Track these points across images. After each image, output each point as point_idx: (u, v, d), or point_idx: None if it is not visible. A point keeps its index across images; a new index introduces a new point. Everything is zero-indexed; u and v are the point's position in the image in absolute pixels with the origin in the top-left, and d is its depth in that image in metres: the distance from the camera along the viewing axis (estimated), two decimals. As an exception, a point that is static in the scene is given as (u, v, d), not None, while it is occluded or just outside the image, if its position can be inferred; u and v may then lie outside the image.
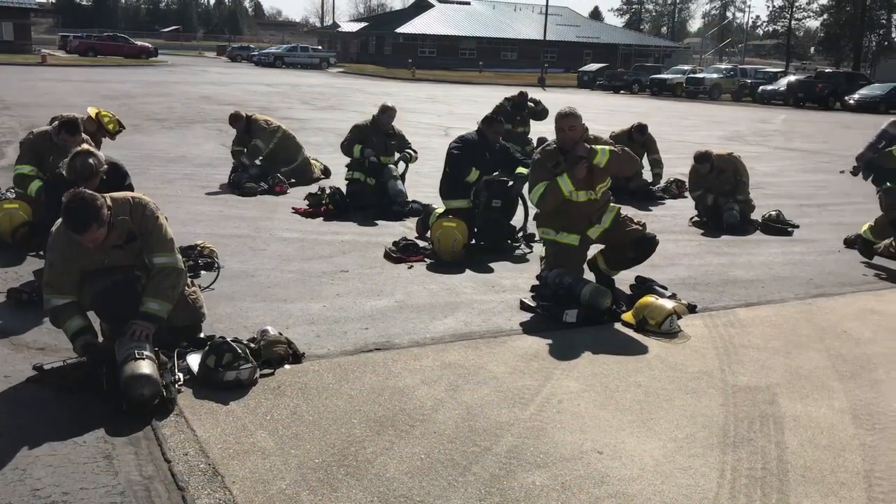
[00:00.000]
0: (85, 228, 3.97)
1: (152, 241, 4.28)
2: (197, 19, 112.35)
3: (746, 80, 44.15)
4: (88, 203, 3.97)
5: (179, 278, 4.36)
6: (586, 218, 5.94)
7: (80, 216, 3.95)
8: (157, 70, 43.24)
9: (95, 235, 4.03)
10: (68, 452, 3.42)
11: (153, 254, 4.28)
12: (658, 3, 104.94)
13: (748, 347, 5.13)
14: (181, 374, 4.17)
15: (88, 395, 3.95)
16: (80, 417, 3.74)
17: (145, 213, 4.28)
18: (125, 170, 5.48)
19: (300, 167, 10.57)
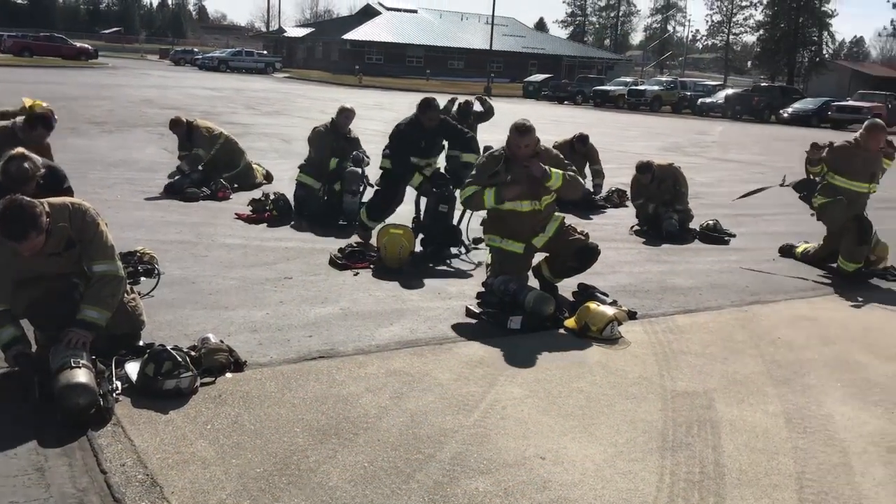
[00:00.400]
0: (23, 236, 3.86)
1: (92, 249, 4.18)
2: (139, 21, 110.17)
3: (686, 93, 45.21)
4: (26, 210, 3.85)
5: (119, 286, 4.28)
6: (530, 227, 6.02)
7: (17, 224, 3.84)
8: (97, 72, 42.24)
9: (34, 243, 3.92)
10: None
11: (93, 261, 4.19)
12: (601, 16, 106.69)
13: (686, 353, 5.25)
14: (119, 382, 4.08)
15: (21, 405, 3.83)
16: (12, 428, 3.62)
17: (85, 220, 4.18)
18: (63, 173, 5.34)
19: (242, 172, 10.42)
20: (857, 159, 7.61)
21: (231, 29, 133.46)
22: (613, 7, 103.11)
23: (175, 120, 10.36)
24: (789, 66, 74.43)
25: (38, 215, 3.89)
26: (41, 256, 4.07)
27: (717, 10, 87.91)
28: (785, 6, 74.77)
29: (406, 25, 72.39)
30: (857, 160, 7.60)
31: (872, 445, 4.02)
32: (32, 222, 3.87)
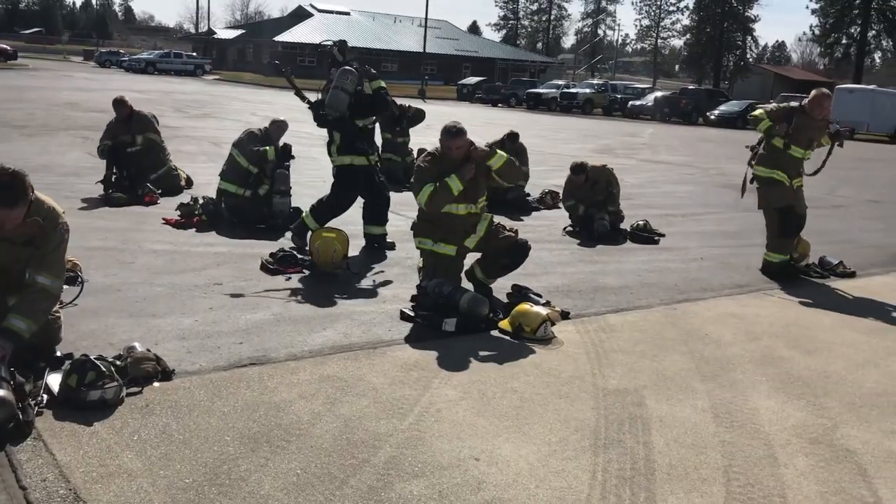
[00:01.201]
0: (12, 204, 3.85)
1: (47, 259, 4.10)
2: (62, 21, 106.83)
3: (616, 96, 46.16)
4: (19, 179, 3.86)
5: (53, 305, 4.21)
6: (463, 229, 6.07)
7: (9, 191, 3.83)
8: (17, 74, 40.78)
9: (14, 215, 3.90)
10: None
11: (41, 272, 4.09)
12: (534, 19, 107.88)
13: (617, 352, 5.33)
14: (44, 395, 3.93)
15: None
16: (-77, 446, 3.46)
17: (56, 228, 4.13)
18: None
19: (165, 175, 10.18)
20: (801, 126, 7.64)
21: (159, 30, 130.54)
22: (545, 11, 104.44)
23: (120, 99, 10.22)
24: (715, 69, 76.70)
25: (28, 189, 3.90)
26: (5, 243, 3.99)
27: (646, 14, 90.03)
28: (710, 12, 77.07)
29: (338, 27, 71.90)
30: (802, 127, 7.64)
31: (796, 437, 4.15)
32: (23, 194, 3.87)
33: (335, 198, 7.75)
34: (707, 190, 14.40)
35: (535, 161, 11.95)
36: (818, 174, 7.99)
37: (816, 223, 10.22)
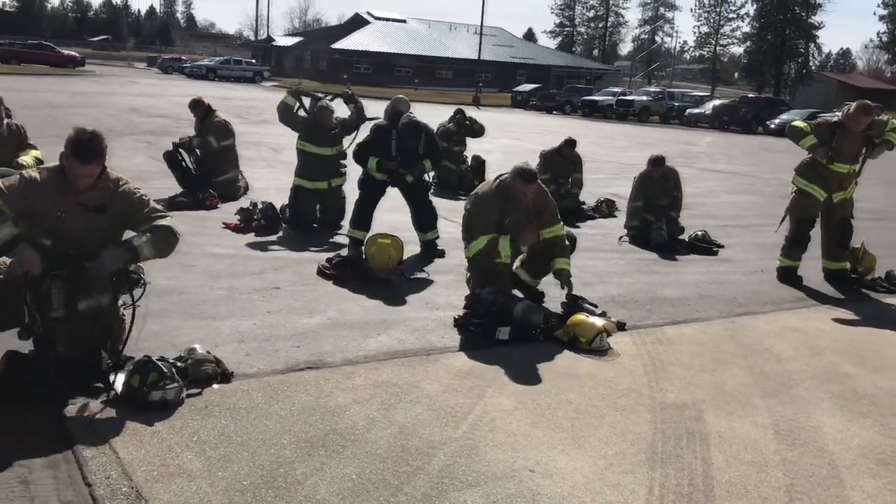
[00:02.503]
0: (93, 158, 4.09)
1: (146, 212, 4.36)
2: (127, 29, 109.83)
3: (674, 104, 45.48)
4: (98, 138, 4.12)
5: (175, 241, 4.48)
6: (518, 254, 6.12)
7: (93, 146, 4.08)
8: (85, 80, 42.05)
9: (92, 171, 4.13)
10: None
11: (154, 220, 4.35)
12: (590, 26, 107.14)
13: (675, 365, 5.25)
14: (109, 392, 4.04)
15: (7, 417, 3.78)
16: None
17: (129, 189, 4.35)
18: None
19: (228, 182, 10.39)
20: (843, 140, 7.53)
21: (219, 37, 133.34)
22: (602, 18, 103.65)
23: (196, 100, 10.59)
24: (776, 77, 75.14)
25: (105, 148, 4.16)
26: (80, 209, 4.15)
27: (705, 21, 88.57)
28: (772, 19, 75.52)
29: (395, 35, 72.53)
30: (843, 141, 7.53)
31: (862, 458, 4.02)
32: (101, 151, 4.13)
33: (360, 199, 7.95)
34: (767, 200, 14.09)
35: (590, 169, 11.85)
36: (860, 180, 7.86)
37: (884, 236, 9.93)
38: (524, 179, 5.75)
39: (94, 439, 3.62)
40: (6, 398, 3.97)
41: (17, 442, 3.56)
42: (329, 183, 9.02)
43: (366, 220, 7.80)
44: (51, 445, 3.55)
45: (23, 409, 3.89)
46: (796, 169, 7.89)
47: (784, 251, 7.96)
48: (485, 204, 5.90)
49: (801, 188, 7.77)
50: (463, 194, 11.63)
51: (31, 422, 3.76)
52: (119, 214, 4.34)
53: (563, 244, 6.13)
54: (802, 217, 7.81)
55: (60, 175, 4.17)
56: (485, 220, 5.89)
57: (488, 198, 5.90)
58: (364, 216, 7.80)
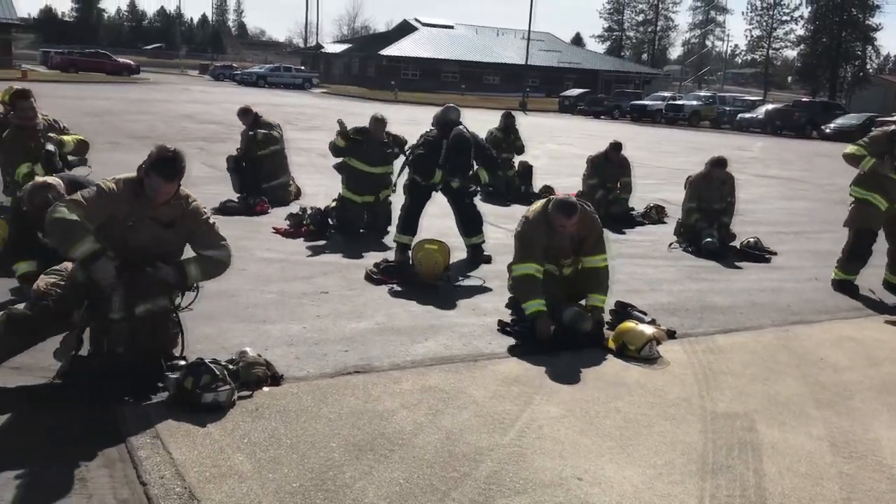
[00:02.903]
0: (173, 177, 4.26)
1: (206, 235, 4.53)
2: (180, 37, 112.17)
3: (725, 108, 44.74)
4: (180, 157, 4.31)
5: (223, 270, 4.67)
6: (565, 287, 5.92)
7: (173, 164, 4.26)
8: (139, 87, 43.08)
9: (171, 188, 4.30)
10: (42, 474, 3.36)
11: (205, 248, 4.52)
12: (639, 31, 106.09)
13: (727, 374, 5.16)
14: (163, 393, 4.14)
15: (65, 416, 3.89)
16: (55, 438, 3.68)
17: (197, 209, 4.51)
18: (86, 182, 5.49)
19: (279, 186, 10.54)
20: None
21: (270, 45, 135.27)
22: (651, 22, 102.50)
23: (244, 108, 10.81)
24: (831, 80, 73.41)
25: (184, 167, 4.35)
26: (151, 221, 4.29)
27: (757, 25, 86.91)
28: (828, 21, 73.83)
29: (442, 41, 72.71)
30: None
31: (921, 472, 3.90)
32: (182, 169, 4.32)
33: (407, 204, 8.00)
34: (822, 206, 13.78)
35: (640, 174, 11.73)
36: None
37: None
38: (563, 213, 5.61)
39: (149, 440, 3.70)
40: (67, 399, 4.09)
41: (76, 441, 3.66)
42: (377, 196, 9.08)
43: (412, 225, 7.84)
44: (107, 445, 3.64)
45: (81, 409, 3.99)
46: (853, 182, 7.68)
47: (841, 264, 7.72)
48: (533, 229, 5.79)
49: (860, 198, 7.54)
50: (510, 201, 11.64)
51: (89, 422, 3.86)
52: (186, 231, 4.48)
53: (601, 279, 5.84)
54: (863, 228, 7.55)
55: (139, 187, 4.30)
56: (532, 246, 5.75)
57: (536, 223, 5.78)
58: (411, 222, 7.84)
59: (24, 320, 4.14)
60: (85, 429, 3.78)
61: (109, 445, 3.64)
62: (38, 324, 4.17)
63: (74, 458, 3.52)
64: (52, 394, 4.17)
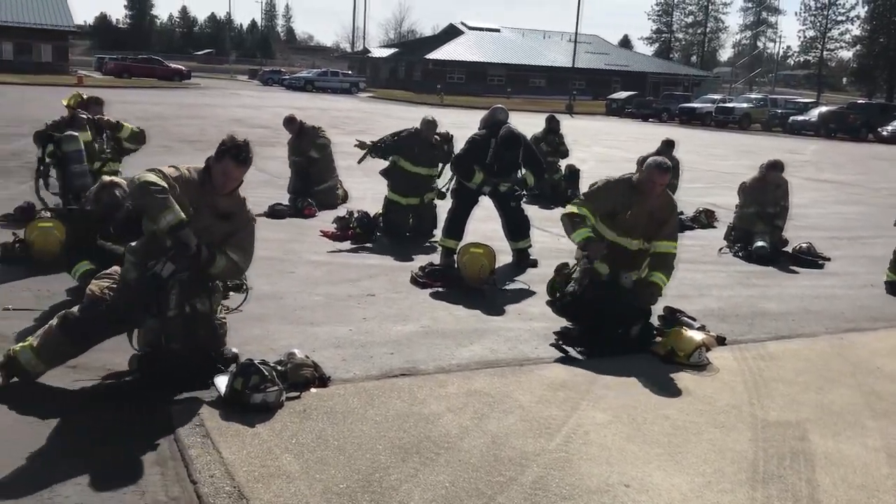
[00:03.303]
0: (246, 161, 4.42)
1: (239, 236, 4.55)
2: (230, 43, 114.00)
3: (777, 110, 43.87)
4: (251, 148, 4.46)
5: (238, 275, 4.83)
6: (630, 261, 5.77)
7: (248, 150, 4.42)
8: (190, 92, 43.90)
9: (241, 173, 4.45)
10: (97, 471, 3.44)
11: (233, 248, 4.50)
12: (688, 32, 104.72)
13: (778, 381, 5.06)
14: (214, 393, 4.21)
15: (119, 415, 3.99)
16: (109, 436, 3.77)
17: (247, 211, 4.61)
18: None
19: (328, 189, 10.65)
20: None
21: (318, 50, 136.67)
22: (701, 24, 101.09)
23: (289, 118, 11.00)
24: (889, 82, 71.50)
25: (252, 157, 4.49)
26: (210, 210, 4.40)
27: (811, 25, 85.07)
28: (885, 20, 71.96)
29: (488, 44, 72.68)
30: None
31: (983, 486, 3.78)
32: (251, 157, 4.46)
33: (453, 208, 8.01)
34: (877, 211, 13.42)
35: (689, 178, 11.57)
36: None
37: None
38: (661, 169, 5.54)
39: (200, 439, 3.77)
40: (121, 397, 4.19)
41: (130, 439, 3.74)
42: (423, 198, 9.11)
43: (458, 229, 7.84)
44: (160, 444, 3.72)
45: (135, 408, 4.08)
46: None
47: (893, 265, 7.61)
48: (613, 185, 5.75)
49: None
50: (556, 204, 11.56)
51: (142, 420, 3.94)
52: (233, 227, 4.54)
53: (668, 263, 5.72)
54: None
55: (206, 175, 4.44)
56: (599, 198, 5.70)
57: (617, 182, 5.76)
58: (457, 225, 7.84)
59: (77, 324, 4.22)
60: (138, 427, 3.86)
61: (161, 444, 3.72)
62: (92, 328, 4.25)
63: (128, 455, 3.60)
64: (107, 392, 4.27)
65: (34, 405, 4.05)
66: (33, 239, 6.73)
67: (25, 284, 6.14)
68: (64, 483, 3.32)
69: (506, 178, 7.76)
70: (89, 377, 4.39)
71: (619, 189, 5.70)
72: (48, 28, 54.12)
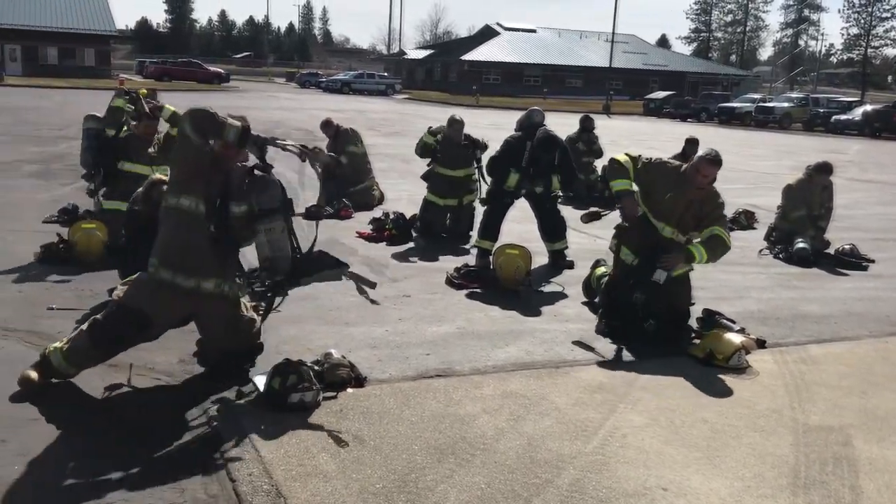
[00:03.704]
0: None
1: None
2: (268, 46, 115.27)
3: (819, 110, 43.08)
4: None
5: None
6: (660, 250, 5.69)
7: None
8: (229, 95, 44.46)
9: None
10: (138, 469, 3.50)
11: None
12: (727, 31, 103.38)
13: (820, 385, 4.97)
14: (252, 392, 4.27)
15: (160, 414, 4.05)
16: (149, 436, 3.83)
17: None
18: None
19: (363, 190, 10.71)
20: None
21: (354, 52, 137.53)
22: (740, 22, 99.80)
23: (326, 121, 11.22)
24: (935, 79, 69.82)
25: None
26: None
27: (855, 22, 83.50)
28: (931, 17, 70.35)
29: (524, 45, 72.49)
30: None
31: None
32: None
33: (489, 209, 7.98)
34: (924, 212, 13.14)
35: (727, 178, 11.39)
36: None
37: None
38: (710, 161, 5.51)
39: (238, 437, 3.81)
40: (161, 396, 4.26)
41: (169, 438, 3.80)
42: (460, 200, 9.11)
43: (494, 230, 7.83)
44: (199, 442, 3.77)
45: (174, 406, 4.15)
46: None
47: None
48: (662, 163, 5.78)
49: None
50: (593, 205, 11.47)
51: (181, 419, 4.00)
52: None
53: (714, 245, 5.56)
54: None
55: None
56: (650, 171, 5.70)
57: (668, 163, 5.82)
58: (492, 227, 7.83)
59: (103, 330, 4.19)
60: (177, 426, 3.92)
61: (201, 442, 3.77)
62: (117, 334, 4.21)
63: (168, 454, 3.66)
64: (147, 391, 4.34)
65: (77, 404, 4.13)
66: (76, 240, 6.86)
67: (68, 285, 6.26)
68: (106, 480, 3.38)
69: (541, 181, 7.72)
70: (129, 375, 4.46)
71: (667, 170, 5.74)
72: (91, 33, 55.22)
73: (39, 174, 11.66)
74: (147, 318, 4.23)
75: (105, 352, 4.27)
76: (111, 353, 4.32)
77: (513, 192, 7.83)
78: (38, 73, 49.83)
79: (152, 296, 4.25)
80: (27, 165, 12.72)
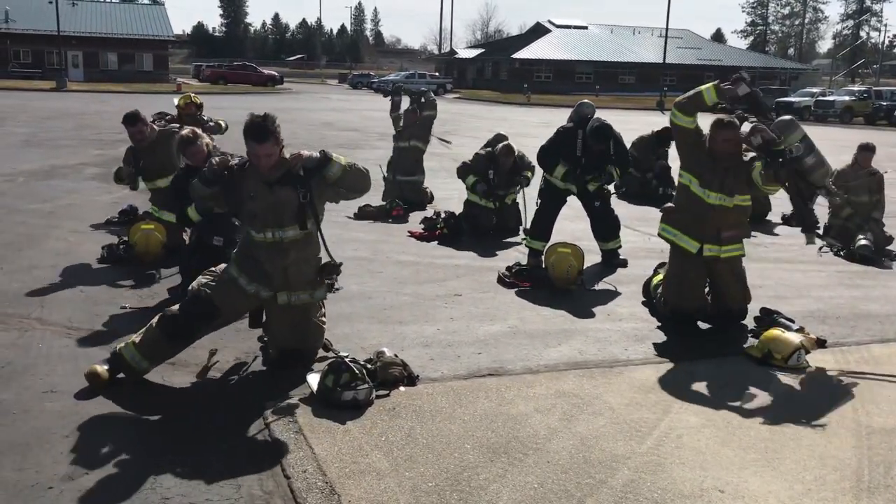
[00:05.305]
0: (267, 136, 4.45)
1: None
2: (320, 48, 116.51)
3: (882, 103, 41.77)
4: (270, 121, 4.48)
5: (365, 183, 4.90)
6: (713, 226, 5.66)
7: (262, 129, 4.45)
8: (282, 97, 45.07)
9: (265, 151, 4.47)
10: (196, 464, 3.58)
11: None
12: (785, 24, 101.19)
13: (884, 386, 4.82)
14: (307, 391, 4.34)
15: (215, 414, 4.13)
16: (207, 433, 3.91)
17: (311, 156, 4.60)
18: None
19: (416, 183, 10.75)
20: None
21: (405, 52, 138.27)
22: (798, 15, 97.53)
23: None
24: None
25: (277, 129, 4.52)
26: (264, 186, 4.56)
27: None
28: None
29: (575, 42, 71.89)
30: None
31: None
32: (272, 131, 4.48)
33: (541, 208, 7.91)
34: None
35: (785, 175, 11.12)
36: None
37: None
38: (717, 126, 5.77)
39: (293, 435, 3.87)
40: (219, 394, 4.34)
41: (226, 435, 3.87)
42: (502, 202, 9.08)
43: (546, 229, 7.76)
44: (255, 439, 3.84)
45: (231, 403, 4.23)
46: None
47: None
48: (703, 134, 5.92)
49: None
50: (646, 203, 11.34)
51: (237, 416, 4.08)
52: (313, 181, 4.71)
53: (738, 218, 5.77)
54: None
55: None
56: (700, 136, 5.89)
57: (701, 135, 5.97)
58: (544, 226, 7.77)
59: (174, 321, 4.37)
60: (234, 423, 3.99)
61: (256, 439, 3.84)
62: (189, 324, 4.40)
63: (224, 450, 3.72)
64: (205, 389, 4.43)
65: (137, 402, 4.23)
66: (136, 240, 7.04)
67: (129, 285, 6.43)
68: (165, 476, 3.46)
69: (594, 174, 7.59)
70: (189, 373, 4.56)
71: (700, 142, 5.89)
72: (149, 38, 56.70)
73: (101, 177, 11.98)
74: (216, 310, 4.47)
75: (176, 342, 4.44)
76: (182, 345, 4.48)
77: (564, 190, 7.74)
78: (98, 78, 51.39)
79: (226, 291, 4.53)
80: (89, 168, 13.11)
